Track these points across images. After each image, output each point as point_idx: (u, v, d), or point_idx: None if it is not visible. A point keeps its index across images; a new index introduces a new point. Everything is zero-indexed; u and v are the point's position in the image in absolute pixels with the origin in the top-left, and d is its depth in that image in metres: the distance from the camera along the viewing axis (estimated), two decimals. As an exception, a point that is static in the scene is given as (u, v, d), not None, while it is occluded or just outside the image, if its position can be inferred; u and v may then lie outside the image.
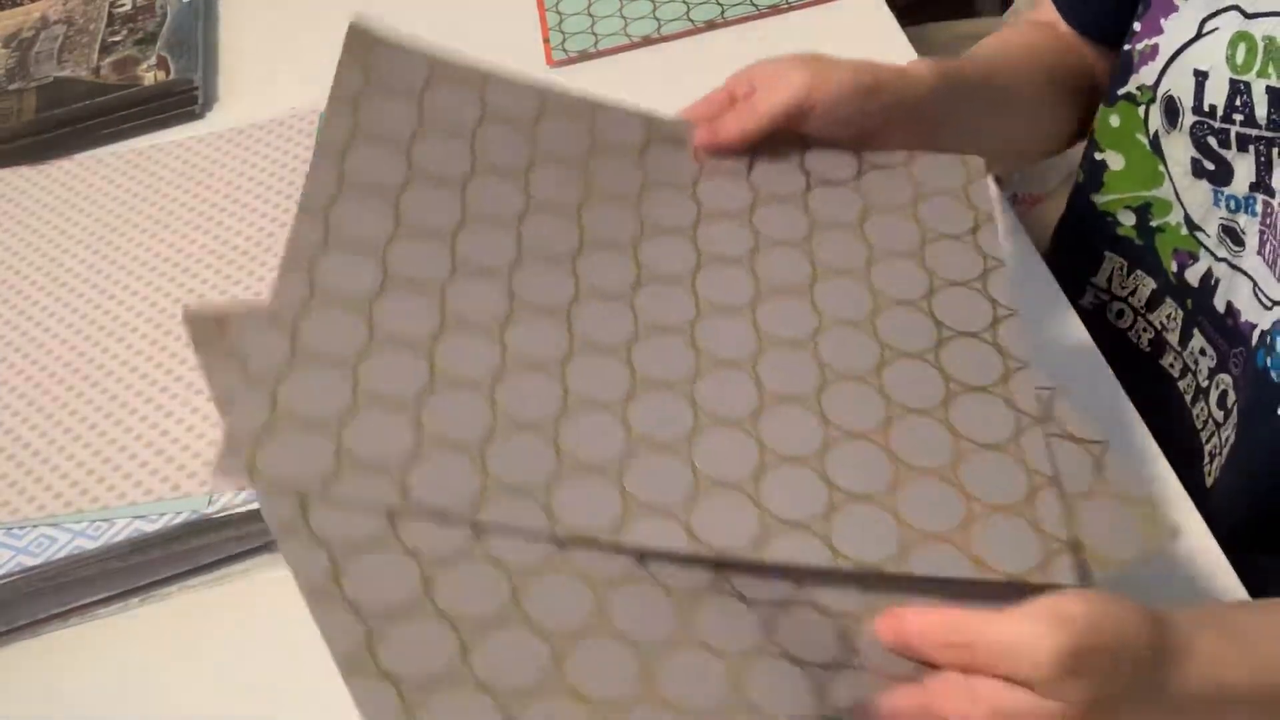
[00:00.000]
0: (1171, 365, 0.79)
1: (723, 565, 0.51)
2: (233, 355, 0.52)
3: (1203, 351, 0.76)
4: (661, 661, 0.48)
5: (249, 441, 0.50)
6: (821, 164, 0.65)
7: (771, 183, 0.64)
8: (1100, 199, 0.79)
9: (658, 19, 1.02)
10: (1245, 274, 0.70)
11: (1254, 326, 0.70)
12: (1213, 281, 0.73)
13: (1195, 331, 0.76)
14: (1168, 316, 0.79)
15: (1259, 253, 0.68)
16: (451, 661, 0.46)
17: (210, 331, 0.53)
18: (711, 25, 1.00)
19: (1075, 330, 0.77)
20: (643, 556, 0.50)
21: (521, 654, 0.47)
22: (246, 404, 0.51)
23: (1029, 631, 0.46)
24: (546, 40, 1.03)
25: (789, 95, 0.63)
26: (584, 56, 1.01)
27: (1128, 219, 0.78)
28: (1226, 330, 0.73)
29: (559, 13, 1.05)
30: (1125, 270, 0.81)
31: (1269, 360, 0.68)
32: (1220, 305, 0.73)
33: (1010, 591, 0.50)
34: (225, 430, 0.50)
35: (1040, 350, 0.75)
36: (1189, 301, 0.76)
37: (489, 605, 0.48)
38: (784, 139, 0.65)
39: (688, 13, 1.02)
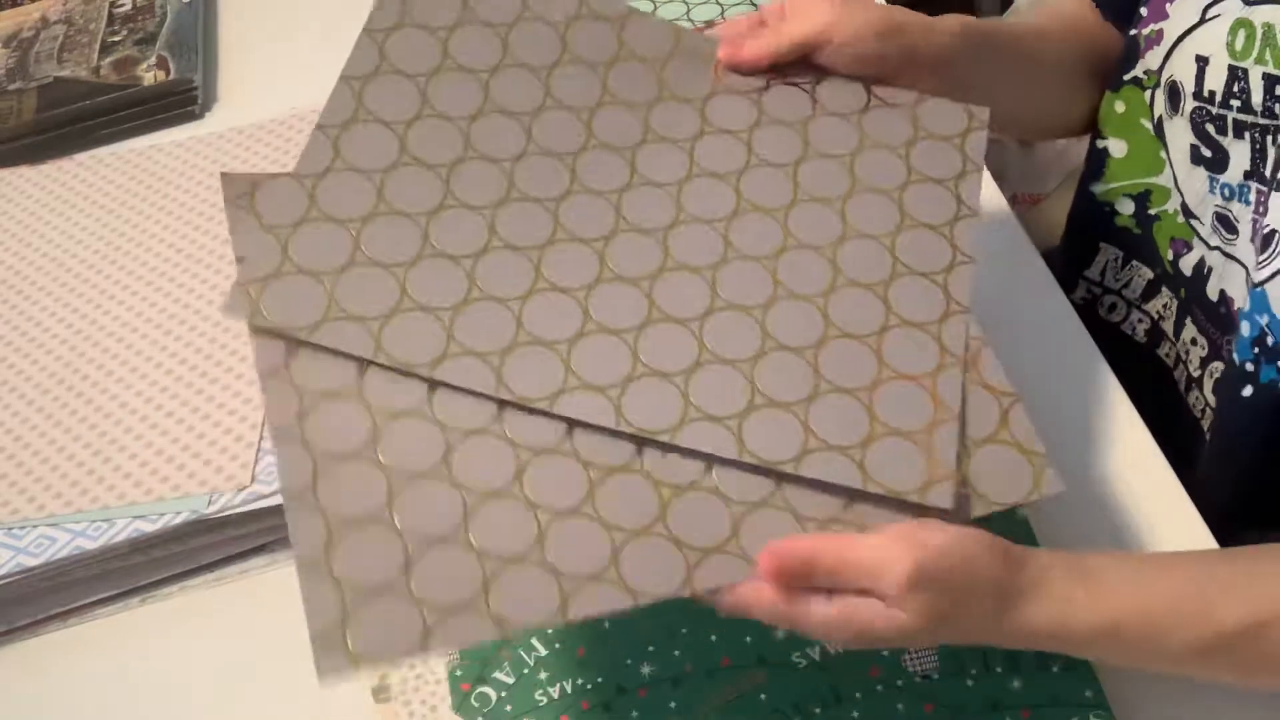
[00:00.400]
0: (1167, 355, 0.80)
1: (640, 447, 0.56)
2: (257, 212, 0.59)
3: (1194, 341, 0.76)
4: (555, 529, 0.53)
5: (257, 284, 0.56)
6: (832, 95, 0.68)
7: (779, 107, 0.67)
8: (1100, 188, 0.80)
9: None
10: (1239, 262, 0.71)
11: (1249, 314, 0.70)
12: (1205, 270, 0.74)
13: (1188, 321, 0.76)
14: (1164, 306, 0.79)
15: (1251, 241, 0.69)
16: (376, 504, 0.53)
17: (243, 191, 0.59)
18: (711, 25, 1.00)
19: (1073, 329, 0.78)
20: (571, 431, 0.56)
21: (436, 505, 0.53)
22: (260, 251, 0.57)
23: (885, 550, 0.52)
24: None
25: (812, 25, 0.66)
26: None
27: (1126, 208, 0.79)
28: (1219, 319, 0.73)
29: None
30: (1121, 261, 0.81)
31: (1234, 343, 0.68)
32: (1213, 294, 0.73)
33: (904, 510, 0.55)
34: (239, 272, 0.56)
35: (1038, 347, 0.76)
36: (1183, 291, 0.76)
37: (422, 461, 0.54)
38: (804, 68, 0.68)
39: (688, 13, 1.02)
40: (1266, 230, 0.65)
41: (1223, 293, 0.72)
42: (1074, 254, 0.84)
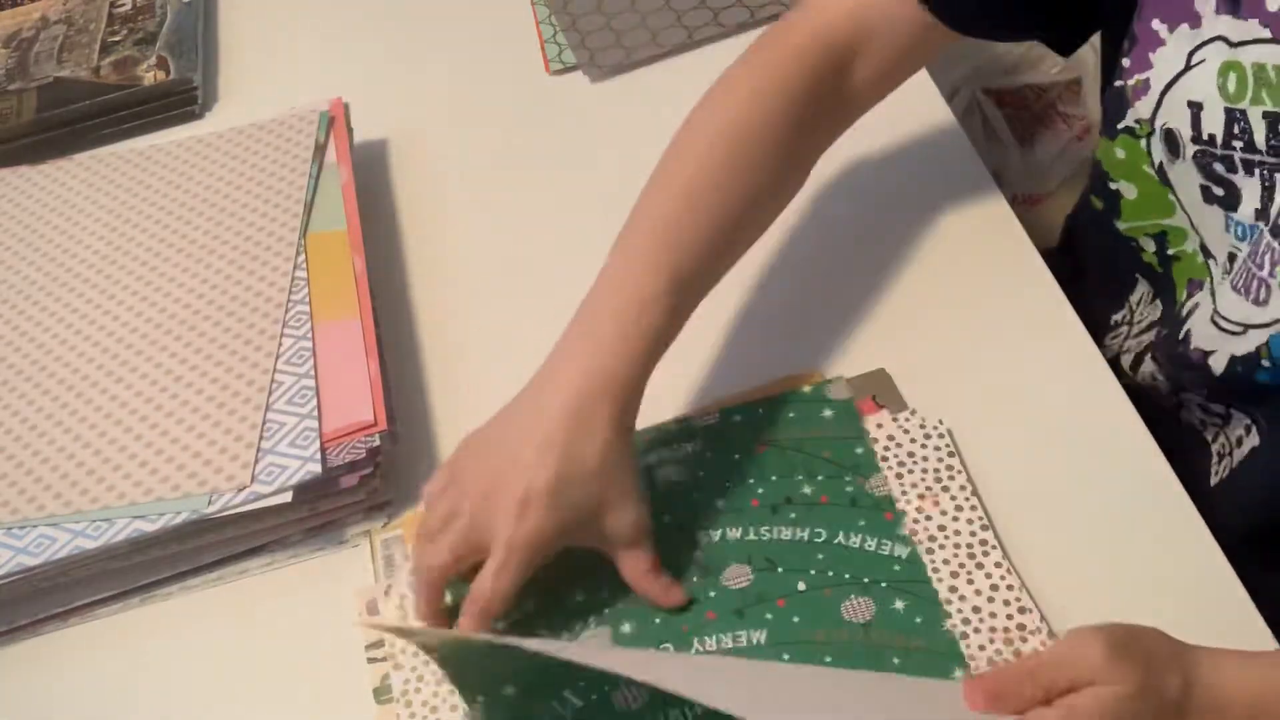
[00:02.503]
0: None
1: None
2: None
3: (1154, 376, 0.78)
4: None
5: None
6: None
7: None
8: (1123, 226, 0.79)
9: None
10: (1213, 300, 0.71)
11: (1205, 354, 0.71)
12: (1195, 308, 0.74)
13: (1147, 358, 0.78)
14: (1144, 344, 0.80)
15: (1234, 285, 0.69)
16: None
17: None
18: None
19: (1072, 328, 0.77)
20: None
21: None
22: None
23: (1074, 639, 0.55)
24: (543, 51, 1.03)
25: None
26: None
27: (1149, 246, 0.78)
28: (1176, 357, 0.74)
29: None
30: (1150, 297, 0.81)
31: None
32: (1183, 332, 0.73)
33: None
34: None
35: (1038, 348, 0.76)
36: (1165, 330, 0.77)
37: None
38: None
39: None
40: None
41: (1189, 331, 0.72)
42: (1117, 282, 0.83)
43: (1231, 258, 0.70)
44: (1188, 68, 0.67)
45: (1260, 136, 0.64)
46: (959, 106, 1.32)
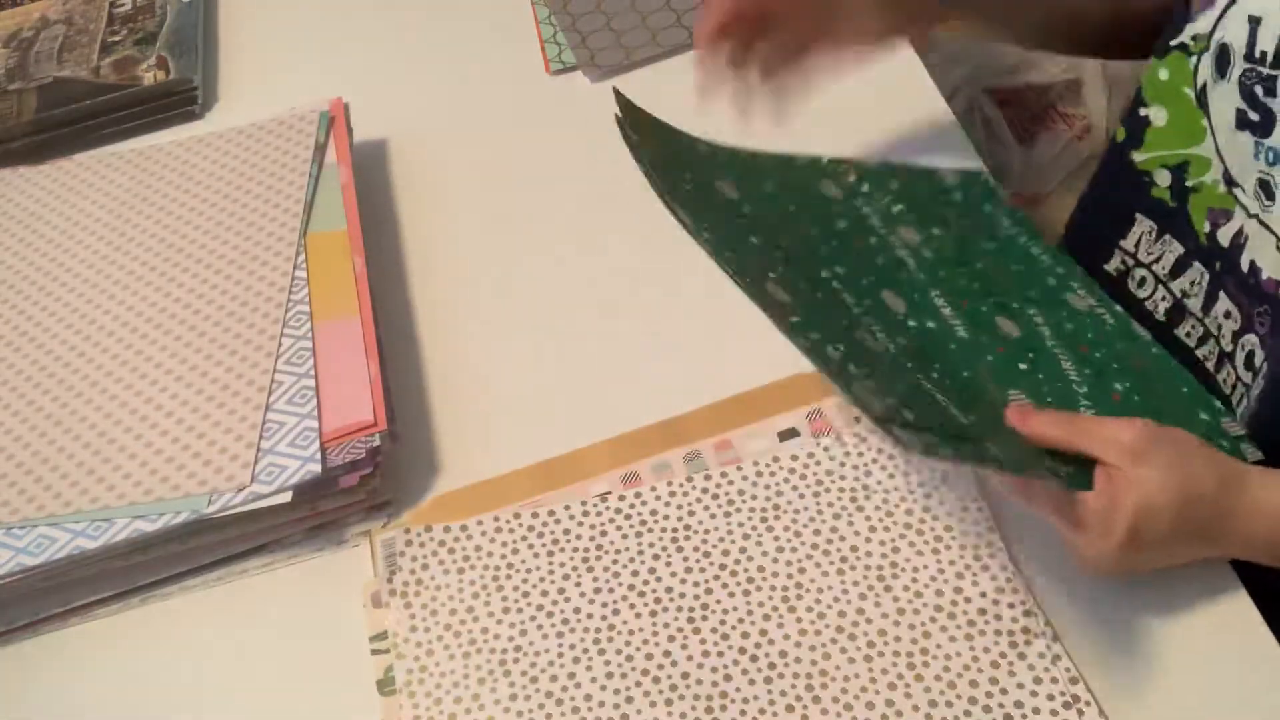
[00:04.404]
0: (1189, 335, 0.80)
1: None
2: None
3: (1227, 314, 0.77)
4: None
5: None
6: None
7: None
8: (1139, 156, 0.80)
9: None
10: (1270, 230, 0.71)
11: (1278, 284, 0.71)
12: (1242, 239, 0.74)
13: (1221, 294, 0.77)
14: (1191, 283, 0.80)
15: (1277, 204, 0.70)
16: None
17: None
18: None
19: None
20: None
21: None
22: None
23: (1118, 421, 0.64)
24: (543, 51, 1.03)
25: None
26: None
27: (1163, 179, 0.79)
28: (1249, 289, 0.74)
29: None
30: (1154, 235, 0.82)
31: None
32: (1245, 264, 0.74)
33: None
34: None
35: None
36: (1217, 264, 0.77)
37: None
38: None
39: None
40: None
41: (1253, 263, 0.73)
42: (1107, 223, 0.84)
43: (1263, 184, 0.71)
44: None
45: None
46: (959, 106, 1.32)
